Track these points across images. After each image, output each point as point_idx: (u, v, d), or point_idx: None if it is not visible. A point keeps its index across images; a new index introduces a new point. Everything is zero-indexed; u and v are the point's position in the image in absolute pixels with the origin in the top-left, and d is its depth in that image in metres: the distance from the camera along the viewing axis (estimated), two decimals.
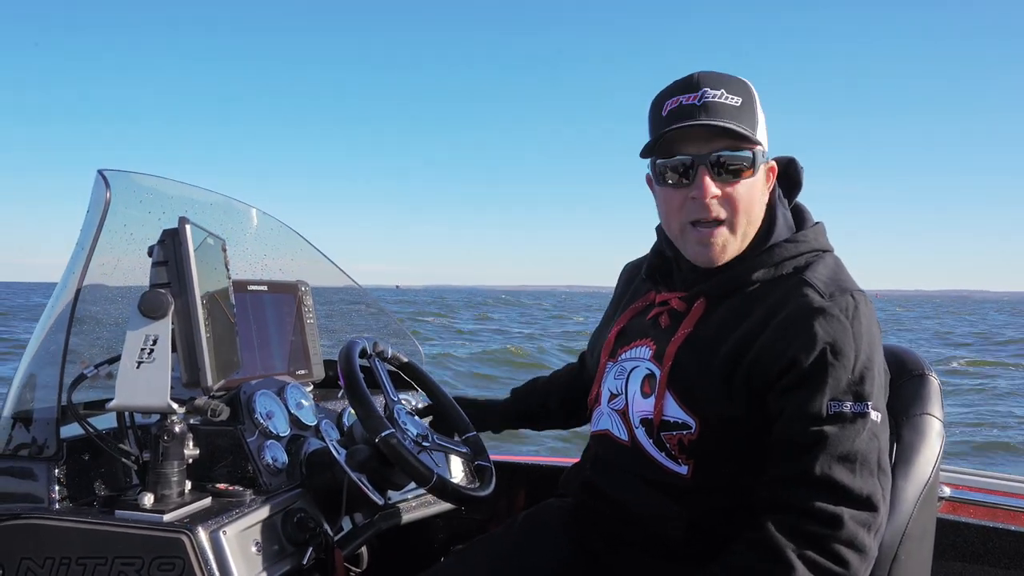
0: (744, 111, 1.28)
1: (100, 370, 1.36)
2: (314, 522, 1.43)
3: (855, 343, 1.20)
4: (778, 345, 1.21)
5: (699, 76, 1.29)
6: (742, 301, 1.30)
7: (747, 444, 1.25)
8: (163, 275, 1.26)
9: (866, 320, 1.23)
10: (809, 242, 1.33)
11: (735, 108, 1.27)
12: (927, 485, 1.32)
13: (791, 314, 1.23)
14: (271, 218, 2.05)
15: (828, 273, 1.29)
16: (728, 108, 1.26)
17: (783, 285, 1.28)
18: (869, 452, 1.17)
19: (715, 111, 1.26)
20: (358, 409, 1.46)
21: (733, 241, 1.31)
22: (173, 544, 1.23)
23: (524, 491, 2.20)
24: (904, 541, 1.28)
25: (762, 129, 1.30)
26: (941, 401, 1.39)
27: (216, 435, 1.48)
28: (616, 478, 1.40)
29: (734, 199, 1.28)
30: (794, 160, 1.41)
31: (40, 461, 1.34)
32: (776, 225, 1.34)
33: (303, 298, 2.02)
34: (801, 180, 1.41)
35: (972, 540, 1.76)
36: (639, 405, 1.35)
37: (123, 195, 1.49)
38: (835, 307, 1.22)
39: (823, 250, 1.34)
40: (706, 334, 1.30)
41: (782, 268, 1.30)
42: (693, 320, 1.33)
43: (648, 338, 1.39)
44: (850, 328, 1.20)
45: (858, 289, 1.27)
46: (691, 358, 1.30)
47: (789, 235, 1.34)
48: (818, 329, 1.20)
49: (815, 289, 1.24)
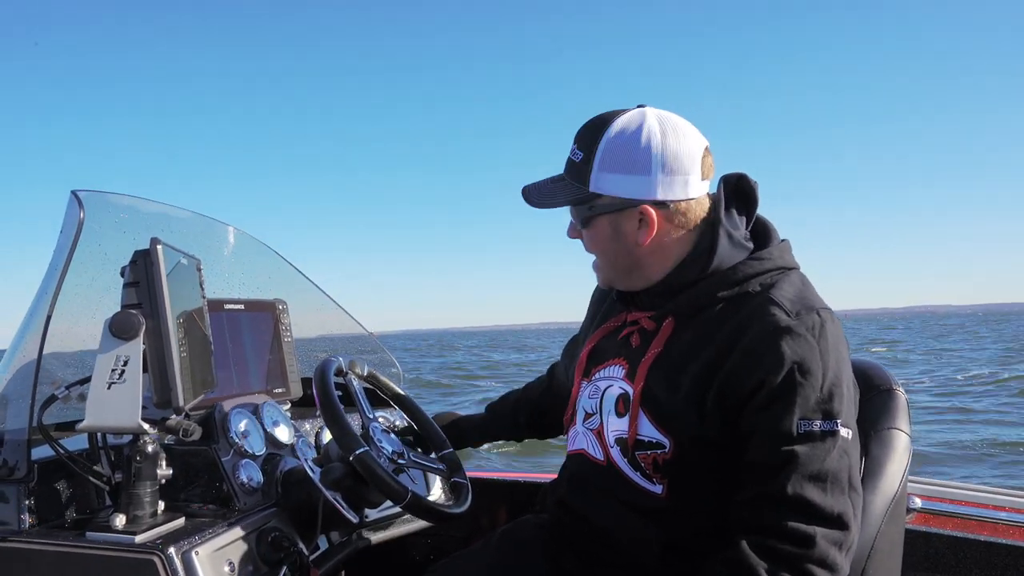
0: (581, 167, 1.33)
1: (71, 391, 1.36)
2: (288, 541, 1.43)
3: (822, 361, 1.20)
4: (746, 365, 1.22)
5: (583, 125, 1.35)
6: (710, 320, 1.30)
7: (721, 464, 1.26)
8: (134, 296, 1.26)
9: (833, 337, 1.24)
10: (774, 259, 1.33)
11: (574, 164, 1.34)
12: (895, 499, 1.33)
13: (758, 334, 1.23)
14: (248, 237, 2.05)
15: (794, 291, 1.29)
16: (572, 165, 1.35)
17: (749, 303, 1.28)
18: (840, 470, 1.18)
19: (567, 170, 1.37)
20: (332, 427, 1.46)
21: (610, 277, 1.42)
22: (144, 566, 1.23)
23: (504, 507, 2.20)
24: (872, 555, 1.29)
25: (605, 180, 1.31)
26: (909, 415, 1.41)
27: (190, 455, 1.48)
28: (592, 498, 1.40)
29: (586, 245, 1.41)
30: (745, 176, 1.39)
31: (10, 483, 1.34)
32: (718, 246, 1.32)
33: (280, 316, 2.02)
34: (756, 195, 1.39)
35: (943, 551, 1.78)
36: (614, 424, 1.36)
37: (97, 215, 1.50)
38: (801, 326, 1.22)
39: (788, 267, 1.34)
40: (676, 353, 1.31)
41: (747, 286, 1.30)
42: (663, 339, 1.33)
43: (620, 357, 1.40)
44: (817, 346, 1.21)
45: (824, 307, 1.28)
46: (662, 377, 1.30)
47: (741, 255, 1.33)
48: (785, 349, 1.20)
49: (781, 308, 1.25)
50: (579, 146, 1.34)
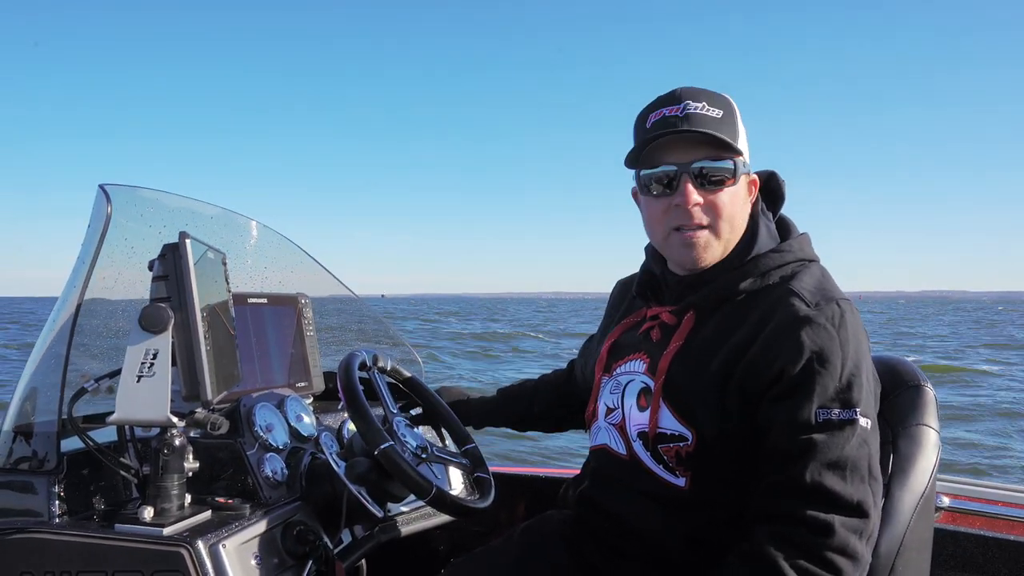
0: (725, 123, 1.31)
1: (101, 384, 1.37)
2: (314, 535, 1.44)
3: (841, 351, 1.21)
4: (767, 356, 1.23)
5: (681, 91, 1.33)
6: (731, 312, 1.32)
7: (743, 455, 1.26)
8: (163, 289, 1.27)
9: (852, 327, 1.25)
10: (794, 252, 1.35)
11: (716, 120, 1.30)
12: (923, 496, 1.32)
13: (778, 324, 1.24)
14: (271, 231, 2.06)
15: (814, 282, 1.30)
16: (709, 119, 1.30)
17: (770, 295, 1.30)
18: (859, 459, 1.18)
19: (697, 122, 1.29)
20: (357, 422, 1.47)
21: (715, 245, 1.35)
22: (172, 558, 1.24)
23: (524, 503, 2.20)
24: (901, 552, 1.28)
25: (743, 141, 1.33)
26: (937, 412, 1.40)
27: (216, 448, 1.48)
28: (615, 492, 1.40)
29: (717, 207, 1.32)
30: (775, 174, 1.43)
31: (40, 475, 1.35)
32: (759, 236, 1.36)
33: (303, 310, 2.03)
34: (783, 192, 1.43)
35: (971, 550, 1.76)
36: (636, 419, 1.36)
37: (124, 209, 1.50)
38: (821, 316, 1.23)
39: (808, 260, 1.36)
40: (697, 346, 1.32)
41: (768, 278, 1.32)
42: (684, 333, 1.34)
43: (641, 352, 1.41)
44: (836, 336, 1.22)
45: (844, 297, 1.29)
46: (684, 370, 1.31)
47: (773, 246, 1.36)
48: (804, 338, 1.21)
49: (801, 299, 1.26)
50: (711, 104, 1.31)
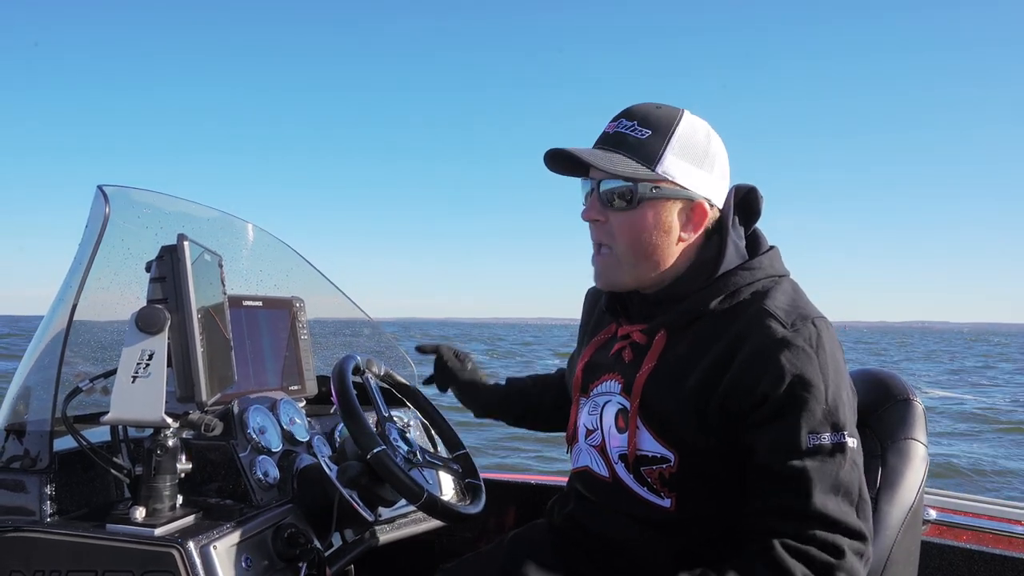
0: (647, 145, 1.28)
1: (96, 384, 1.37)
2: (304, 538, 1.44)
3: (822, 372, 1.20)
4: (746, 380, 1.21)
5: (634, 107, 1.32)
6: (702, 331, 1.29)
7: (729, 475, 1.25)
8: (160, 291, 1.27)
9: (830, 347, 1.23)
10: (764, 268, 1.32)
11: (637, 141, 1.28)
12: (911, 509, 1.33)
13: (756, 348, 1.22)
14: (267, 234, 2.06)
15: (787, 300, 1.28)
16: (629, 141, 1.29)
17: (743, 313, 1.27)
18: (852, 482, 1.18)
19: (616, 142, 1.29)
20: (350, 425, 1.47)
21: (620, 270, 1.33)
22: (163, 558, 1.24)
23: (514, 509, 2.21)
24: (888, 565, 1.29)
25: (676, 166, 1.29)
26: (925, 426, 1.41)
27: (209, 450, 1.49)
28: (600, 514, 1.39)
29: (612, 228, 1.32)
30: (754, 189, 1.39)
31: (32, 474, 1.35)
32: (725, 254, 1.32)
33: (297, 314, 2.03)
34: (760, 208, 1.40)
35: (957, 563, 1.77)
36: (615, 440, 1.35)
37: (121, 210, 1.51)
38: (799, 337, 1.21)
39: (779, 275, 1.33)
40: (671, 367, 1.30)
41: (739, 295, 1.29)
42: (656, 353, 1.32)
43: (615, 372, 1.39)
44: (816, 358, 1.20)
45: (819, 315, 1.27)
46: (659, 392, 1.29)
47: (740, 262, 1.33)
48: (784, 362, 1.19)
49: (777, 319, 1.23)
50: (642, 124, 1.29)
